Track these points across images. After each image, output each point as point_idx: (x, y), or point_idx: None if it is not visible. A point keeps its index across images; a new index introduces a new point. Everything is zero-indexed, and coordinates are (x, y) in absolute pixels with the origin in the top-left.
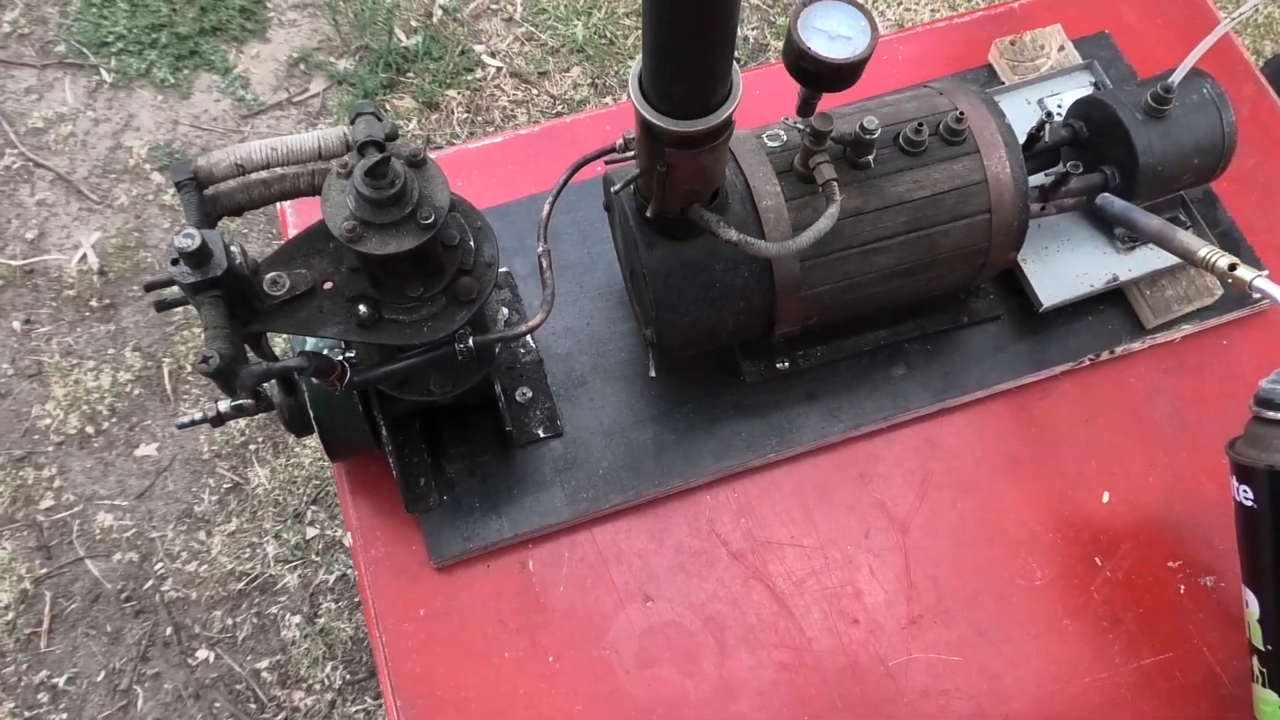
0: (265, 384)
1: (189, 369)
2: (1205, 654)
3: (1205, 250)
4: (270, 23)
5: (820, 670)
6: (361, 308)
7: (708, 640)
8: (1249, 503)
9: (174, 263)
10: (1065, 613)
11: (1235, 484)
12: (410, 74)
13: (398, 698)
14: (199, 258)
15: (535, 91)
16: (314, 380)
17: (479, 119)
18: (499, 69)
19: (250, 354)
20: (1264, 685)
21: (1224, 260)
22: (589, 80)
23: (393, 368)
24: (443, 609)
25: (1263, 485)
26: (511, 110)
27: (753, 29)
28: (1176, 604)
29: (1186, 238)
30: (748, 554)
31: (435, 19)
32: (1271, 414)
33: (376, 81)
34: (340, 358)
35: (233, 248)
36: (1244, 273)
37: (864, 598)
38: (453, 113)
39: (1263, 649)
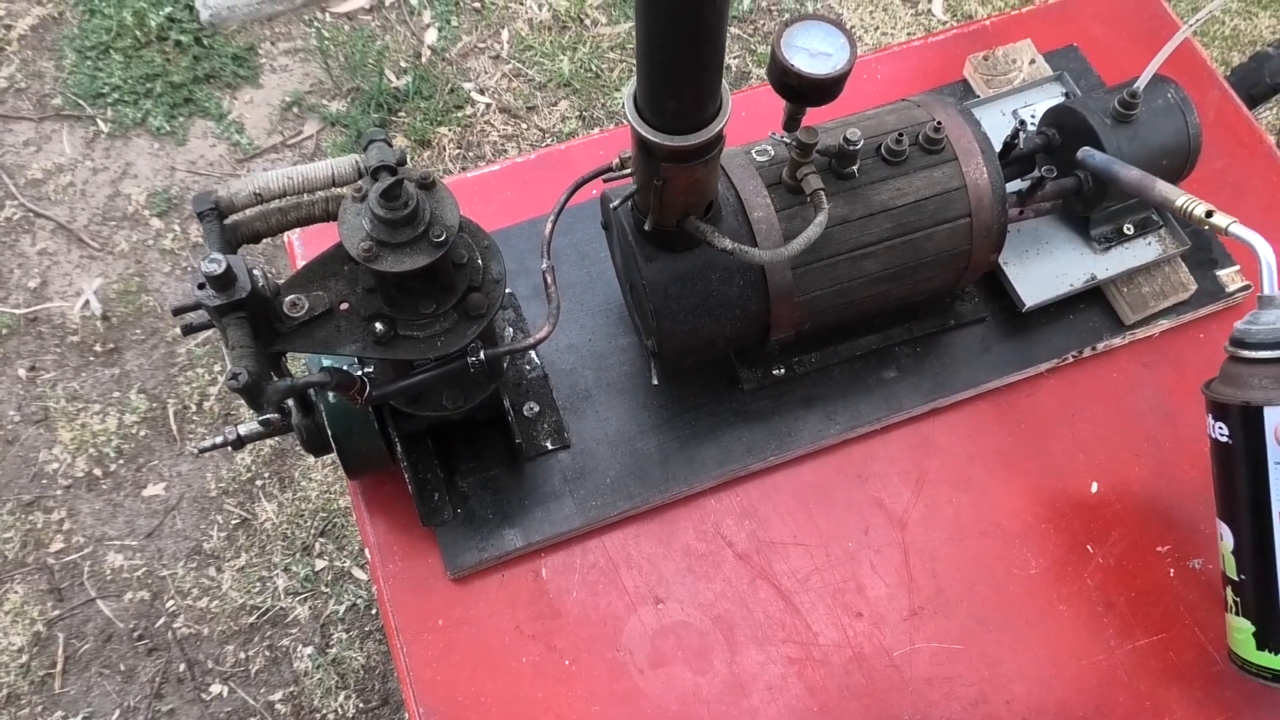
0: (287, 401)
1: (193, 409)
2: (1196, 633)
3: (1183, 199)
4: (262, 69)
5: (827, 663)
6: (378, 325)
7: (718, 638)
8: (1224, 439)
9: (200, 287)
10: (1060, 599)
11: (1211, 422)
12: (401, 113)
13: (420, 706)
14: (224, 281)
15: (525, 125)
16: (333, 397)
17: (470, 154)
18: (488, 105)
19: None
20: (1237, 614)
21: (1201, 208)
22: (576, 113)
23: (409, 382)
24: (460, 618)
25: (1236, 420)
26: (502, 145)
27: (734, 58)
28: (1167, 587)
29: (1165, 187)
30: (753, 554)
31: (424, 59)
32: (1245, 352)
33: (369, 122)
34: (359, 373)
35: (255, 271)
36: (1220, 219)
37: (866, 592)
38: (444, 149)
39: (1236, 579)
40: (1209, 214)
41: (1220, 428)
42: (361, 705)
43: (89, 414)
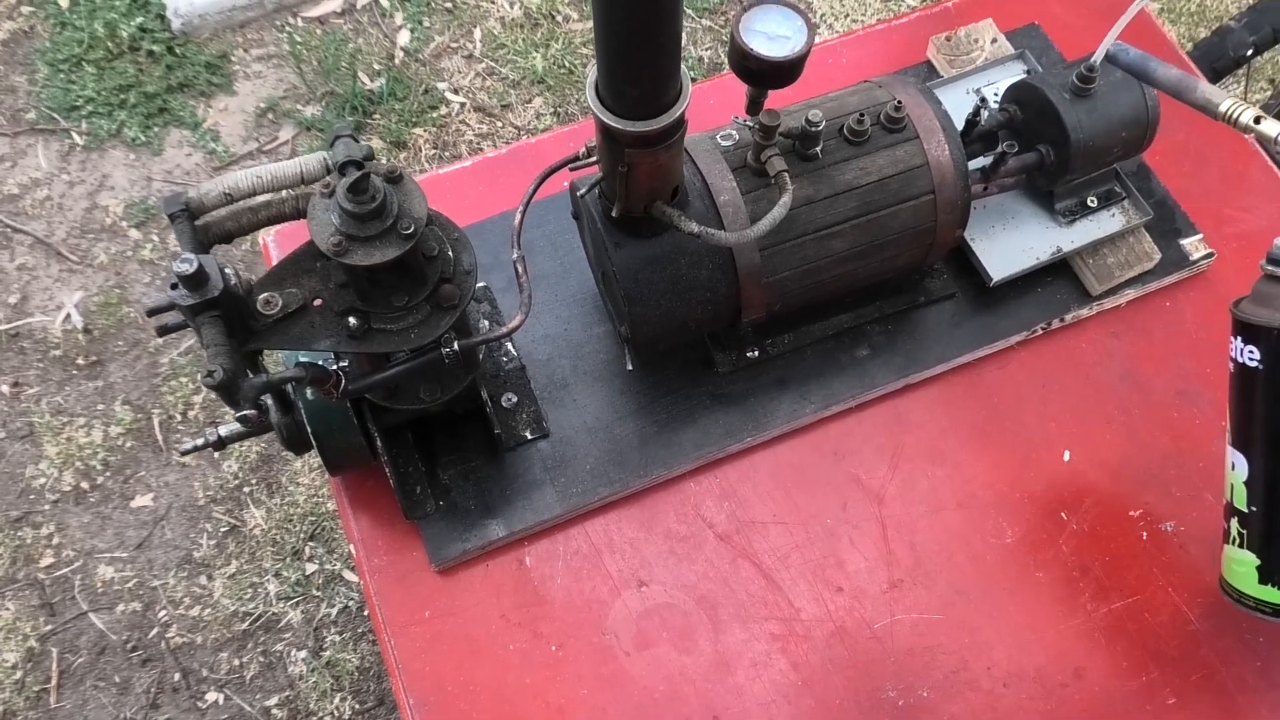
0: (264, 398)
1: (179, 419)
2: (1170, 594)
3: (1228, 104)
4: (236, 76)
5: (810, 638)
6: (351, 320)
7: (702, 618)
8: (1252, 363)
9: (173, 287)
10: (1037, 566)
11: (1238, 345)
12: (376, 115)
13: (410, 697)
14: (196, 281)
15: (500, 124)
16: (311, 394)
17: (446, 154)
18: (463, 104)
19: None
20: (1239, 546)
21: (1248, 114)
22: (551, 109)
23: (384, 375)
24: (446, 609)
25: (1271, 345)
26: (477, 143)
27: (706, 49)
28: (1140, 550)
29: (1208, 89)
30: (733, 535)
31: (397, 61)
32: None
33: (344, 125)
34: (335, 368)
35: (227, 269)
36: (1269, 127)
37: (846, 566)
38: (420, 150)
39: (1245, 510)
40: (1257, 120)
41: (1249, 351)
42: (357, 706)
43: (74, 427)
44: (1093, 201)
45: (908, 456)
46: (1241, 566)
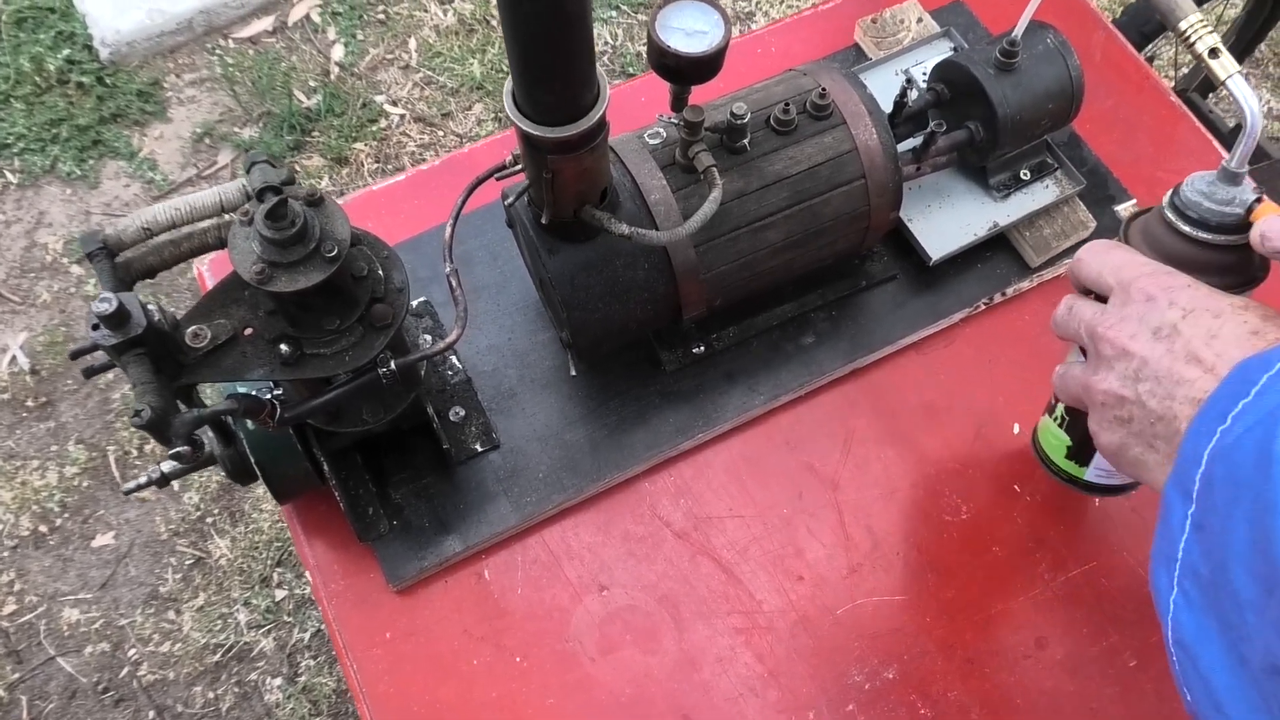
0: (199, 432)
1: (135, 454)
2: (1125, 557)
3: (1190, 20)
4: (169, 102)
5: (773, 629)
6: (283, 347)
7: (664, 618)
8: None
9: (94, 328)
10: (993, 541)
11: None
12: (315, 133)
13: None
14: (118, 319)
15: (441, 133)
16: (249, 423)
17: (389, 167)
18: (402, 116)
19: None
20: (1059, 426)
21: (1205, 41)
22: (492, 115)
23: (322, 400)
24: (407, 629)
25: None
26: (420, 154)
27: (643, 44)
28: (1093, 517)
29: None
30: (691, 532)
31: (333, 76)
32: (1183, 225)
33: (283, 144)
34: (269, 396)
35: (150, 306)
36: (1220, 68)
37: (805, 555)
38: (362, 164)
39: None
40: (1213, 52)
41: None
42: None
43: (28, 471)
44: (1026, 174)
45: (859, 441)
46: (1055, 440)
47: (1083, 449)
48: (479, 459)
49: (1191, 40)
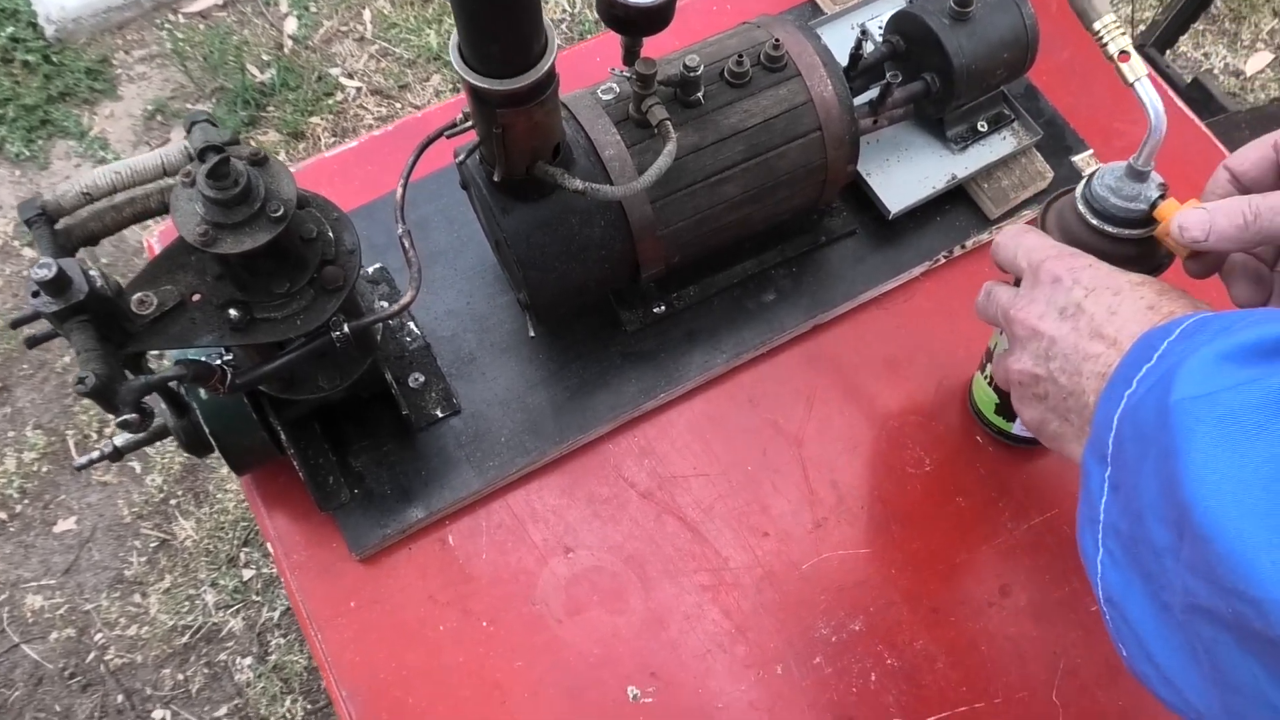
0: (150, 401)
1: (95, 437)
2: None
3: (1104, 21)
4: (119, 79)
5: (740, 585)
6: (232, 312)
7: (630, 578)
8: None
9: (35, 295)
10: (957, 491)
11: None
12: (270, 107)
13: (342, 689)
14: (58, 286)
15: (399, 105)
16: (203, 392)
17: (347, 141)
18: (359, 89)
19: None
20: (989, 385)
21: (1116, 44)
22: (450, 86)
23: (275, 365)
24: (372, 597)
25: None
26: (377, 127)
27: None
28: (1054, 465)
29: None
30: (656, 492)
31: (286, 50)
32: (1094, 219)
33: (237, 120)
34: (219, 362)
35: (91, 272)
36: (1129, 71)
37: (770, 511)
38: (319, 139)
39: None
40: (1122, 54)
41: None
42: (310, 707)
43: None
44: (983, 126)
45: (823, 397)
46: (986, 396)
47: (1008, 406)
48: (440, 425)
49: (1104, 41)
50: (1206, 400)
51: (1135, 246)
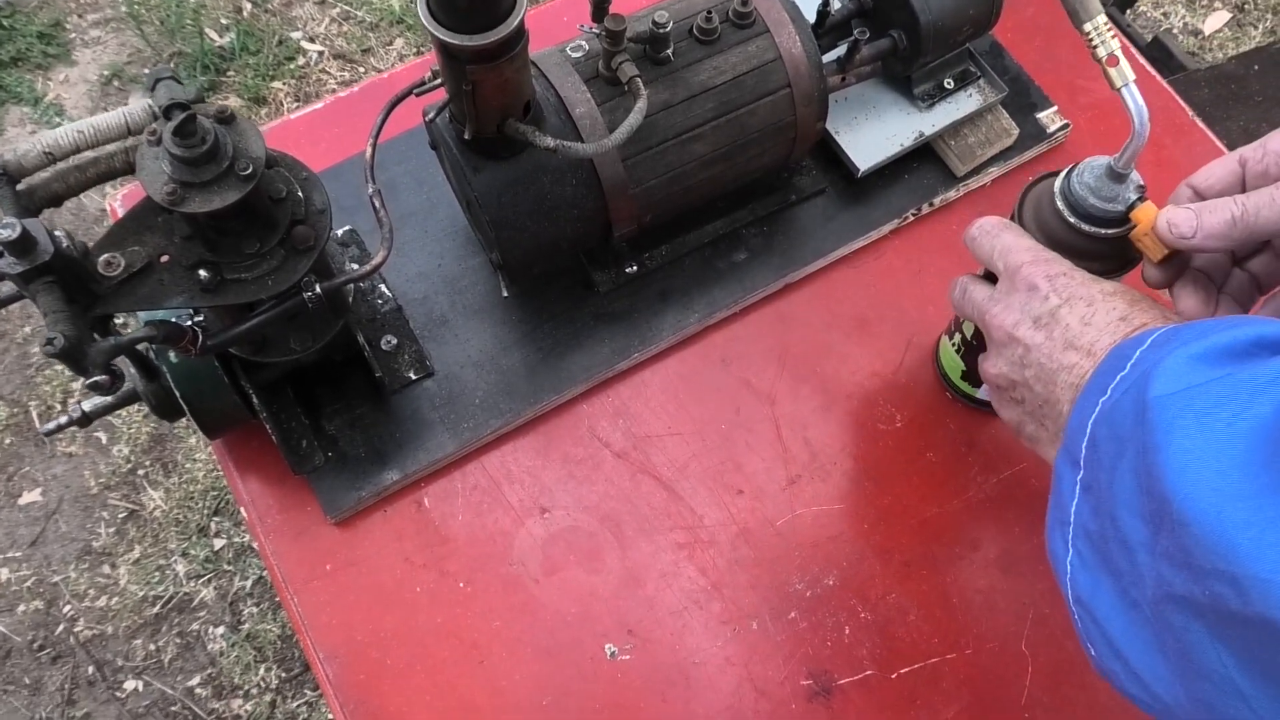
0: (120, 364)
1: (59, 408)
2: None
3: (1094, 23)
4: (73, 44)
5: (715, 543)
6: (202, 273)
7: (607, 537)
8: None
9: None
10: (927, 447)
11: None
12: (230, 72)
13: (319, 651)
14: (23, 246)
15: (362, 69)
16: (174, 355)
17: (312, 104)
18: (321, 53)
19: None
20: (957, 353)
21: (1106, 48)
22: (414, 49)
23: (245, 326)
24: (347, 560)
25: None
26: (341, 90)
27: None
28: None
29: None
30: (631, 451)
31: (246, 13)
32: (1074, 218)
33: (197, 85)
34: (190, 324)
35: (57, 233)
36: (1117, 75)
37: (744, 469)
38: (281, 104)
39: (968, 338)
40: (1111, 58)
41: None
42: (284, 675)
43: None
44: (949, 83)
45: (794, 355)
46: (953, 362)
47: (974, 373)
48: (413, 387)
49: (1094, 43)
50: (1184, 395)
51: (1109, 245)
